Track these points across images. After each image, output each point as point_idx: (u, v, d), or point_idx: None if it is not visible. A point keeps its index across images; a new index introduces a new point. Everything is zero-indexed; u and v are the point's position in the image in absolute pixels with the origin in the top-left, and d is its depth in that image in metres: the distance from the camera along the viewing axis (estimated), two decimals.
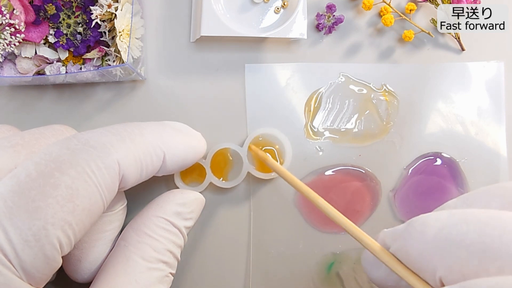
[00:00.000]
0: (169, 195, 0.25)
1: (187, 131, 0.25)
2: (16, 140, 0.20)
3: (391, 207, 0.32)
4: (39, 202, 0.17)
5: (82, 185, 0.18)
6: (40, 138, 0.21)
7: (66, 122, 0.30)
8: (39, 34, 0.27)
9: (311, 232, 0.31)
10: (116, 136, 0.20)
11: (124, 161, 0.20)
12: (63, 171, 0.18)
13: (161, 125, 0.24)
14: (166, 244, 0.23)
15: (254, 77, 0.31)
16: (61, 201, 0.17)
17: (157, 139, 0.22)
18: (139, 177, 0.21)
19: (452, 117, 0.32)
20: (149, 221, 0.23)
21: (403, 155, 0.32)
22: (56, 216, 0.17)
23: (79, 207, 0.18)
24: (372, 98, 0.32)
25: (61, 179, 0.18)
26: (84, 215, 0.18)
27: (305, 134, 0.31)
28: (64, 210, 0.17)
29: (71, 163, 0.18)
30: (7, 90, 0.30)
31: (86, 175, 0.18)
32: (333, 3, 0.31)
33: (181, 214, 0.24)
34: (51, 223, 0.17)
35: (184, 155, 0.24)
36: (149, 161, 0.21)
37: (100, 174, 0.19)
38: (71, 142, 0.19)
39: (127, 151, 0.20)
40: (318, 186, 0.31)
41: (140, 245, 0.22)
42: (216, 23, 0.28)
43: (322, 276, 0.31)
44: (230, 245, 0.30)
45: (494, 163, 0.32)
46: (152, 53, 0.30)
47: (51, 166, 0.18)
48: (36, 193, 0.17)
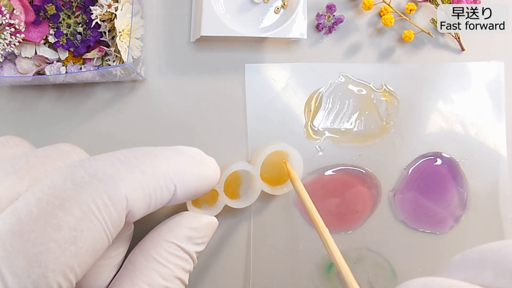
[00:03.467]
0: (182, 218, 0.24)
1: (201, 159, 0.23)
2: (20, 165, 0.19)
3: (391, 207, 0.32)
4: (39, 247, 0.16)
5: (86, 226, 0.17)
6: (46, 162, 0.20)
7: (66, 122, 0.30)
8: (39, 34, 0.27)
9: (311, 232, 0.31)
10: (125, 165, 0.19)
11: (132, 196, 0.19)
12: (66, 210, 0.17)
13: (174, 151, 0.22)
14: (175, 270, 0.22)
15: (254, 77, 0.31)
16: (63, 244, 0.16)
17: (169, 170, 0.20)
18: (146, 210, 0.20)
19: (452, 117, 0.32)
20: (159, 245, 0.22)
21: (403, 155, 0.32)
22: (58, 261, 0.16)
23: (82, 249, 0.17)
24: (372, 98, 0.32)
25: (64, 220, 0.16)
26: (88, 255, 0.17)
27: (305, 134, 0.31)
28: (66, 254, 0.16)
29: (76, 200, 0.17)
30: (7, 90, 0.30)
31: (92, 214, 0.17)
32: (333, 3, 0.31)
33: (192, 239, 0.23)
34: (52, 269, 0.16)
35: (196, 186, 0.22)
36: (159, 194, 0.20)
37: (107, 211, 0.18)
38: (77, 174, 0.18)
39: (136, 184, 0.19)
40: (318, 186, 0.31)
41: (148, 272, 0.21)
42: (216, 23, 0.28)
43: (322, 276, 0.31)
44: (230, 245, 0.30)
45: (494, 163, 0.32)
46: (152, 53, 0.30)
47: (54, 203, 0.17)
48: (36, 236, 0.16)
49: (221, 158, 0.30)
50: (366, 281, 0.31)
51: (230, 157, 0.31)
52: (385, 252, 0.31)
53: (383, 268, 0.31)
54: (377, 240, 0.31)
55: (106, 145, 0.30)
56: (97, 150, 0.29)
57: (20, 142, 0.22)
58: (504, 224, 0.32)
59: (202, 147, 0.30)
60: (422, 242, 0.32)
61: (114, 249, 0.22)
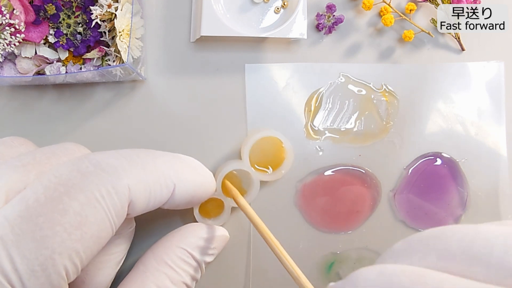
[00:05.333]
0: (196, 227, 0.24)
1: (199, 168, 0.24)
2: (27, 160, 0.20)
3: (391, 207, 0.32)
4: (46, 231, 0.17)
5: (91, 212, 0.18)
6: (52, 157, 0.21)
7: (66, 122, 0.30)
8: (39, 34, 0.27)
9: (311, 232, 0.31)
10: (128, 160, 0.20)
11: (134, 187, 0.19)
12: (72, 196, 0.17)
13: (175, 157, 0.23)
14: (184, 276, 0.23)
15: (254, 77, 0.31)
16: (69, 228, 0.17)
17: (169, 170, 0.21)
18: (146, 206, 0.21)
19: (452, 117, 0.32)
20: (171, 250, 0.23)
21: (403, 155, 0.32)
22: (64, 244, 0.17)
23: (87, 234, 0.17)
24: (372, 98, 0.32)
25: (69, 205, 0.17)
26: (92, 242, 0.18)
27: (305, 134, 0.31)
28: (72, 238, 0.17)
29: (81, 188, 0.18)
30: (7, 90, 0.30)
31: (96, 201, 0.18)
32: (333, 3, 0.31)
33: (204, 249, 0.24)
34: (58, 252, 0.17)
35: (193, 191, 0.23)
36: (158, 191, 0.21)
37: (110, 199, 0.18)
38: (82, 164, 0.19)
39: (138, 177, 0.20)
40: (318, 186, 0.31)
41: (158, 274, 0.22)
42: (216, 23, 0.28)
43: (322, 276, 0.31)
44: (230, 245, 0.30)
45: (494, 163, 0.32)
46: (152, 53, 0.30)
47: (60, 190, 0.17)
48: (44, 220, 0.17)
49: (221, 158, 0.31)
50: None
51: (230, 157, 0.31)
52: None
53: None
54: (377, 240, 0.31)
55: (106, 145, 0.30)
56: (97, 149, 0.29)
57: (25, 142, 0.23)
58: None
59: (202, 147, 0.30)
60: None
61: (116, 245, 0.23)
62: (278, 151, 0.30)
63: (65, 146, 0.22)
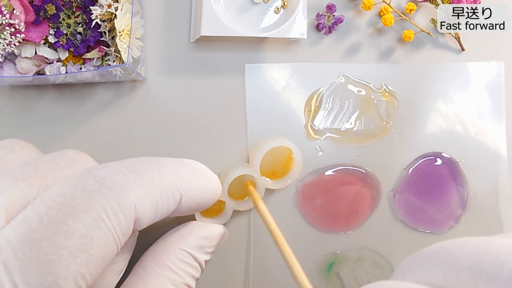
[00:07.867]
0: (194, 226, 0.24)
1: (205, 173, 0.24)
2: (28, 172, 0.19)
3: (391, 207, 0.32)
4: (51, 255, 0.16)
5: (96, 233, 0.17)
6: (54, 169, 0.20)
7: (66, 122, 0.30)
8: (39, 34, 0.27)
9: (311, 232, 0.31)
10: (134, 174, 0.19)
11: (140, 204, 0.19)
12: (77, 218, 0.17)
13: (180, 163, 0.22)
14: (185, 278, 0.22)
15: (254, 77, 0.31)
16: (74, 252, 0.16)
17: (176, 180, 0.21)
18: (152, 219, 0.20)
19: (452, 117, 0.32)
20: (171, 252, 0.23)
21: (403, 155, 0.32)
22: (69, 269, 0.16)
23: (93, 257, 0.17)
24: (372, 98, 0.32)
25: (74, 227, 0.17)
26: (98, 263, 0.17)
27: (305, 134, 0.31)
28: (78, 261, 0.16)
29: (86, 208, 0.17)
30: (7, 90, 0.30)
31: (101, 221, 0.17)
32: (333, 3, 0.31)
33: (203, 248, 0.24)
34: (64, 277, 0.16)
35: (200, 198, 0.22)
36: (165, 203, 0.20)
37: (116, 218, 0.18)
38: (86, 181, 0.18)
39: (144, 193, 0.19)
40: (318, 186, 0.31)
41: (159, 277, 0.22)
42: (216, 23, 0.28)
43: (322, 276, 0.31)
44: (230, 245, 0.30)
45: (494, 163, 0.32)
46: (152, 53, 0.30)
47: (64, 211, 0.17)
48: (48, 244, 0.16)
49: (221, 158, 0.31)
50: (366, 281, 0.31)
51: (230, 157, 0.31)
52: (385, 252, 0.31)
53: (383, 268, 0.31)
54: (377, 240, 0.31)
55: (106, 145, 0.30)
56: (97, 150, 0.30)
57: (25, 146, 0.22)
58: (504, 224, 0.32)
59: (202, 147, 0.30)
60: (422, 242, 0.32)
61: (119, 255, 0.23)
62: (286, 161, 0.30)
63: (67, 154, 0.21)
